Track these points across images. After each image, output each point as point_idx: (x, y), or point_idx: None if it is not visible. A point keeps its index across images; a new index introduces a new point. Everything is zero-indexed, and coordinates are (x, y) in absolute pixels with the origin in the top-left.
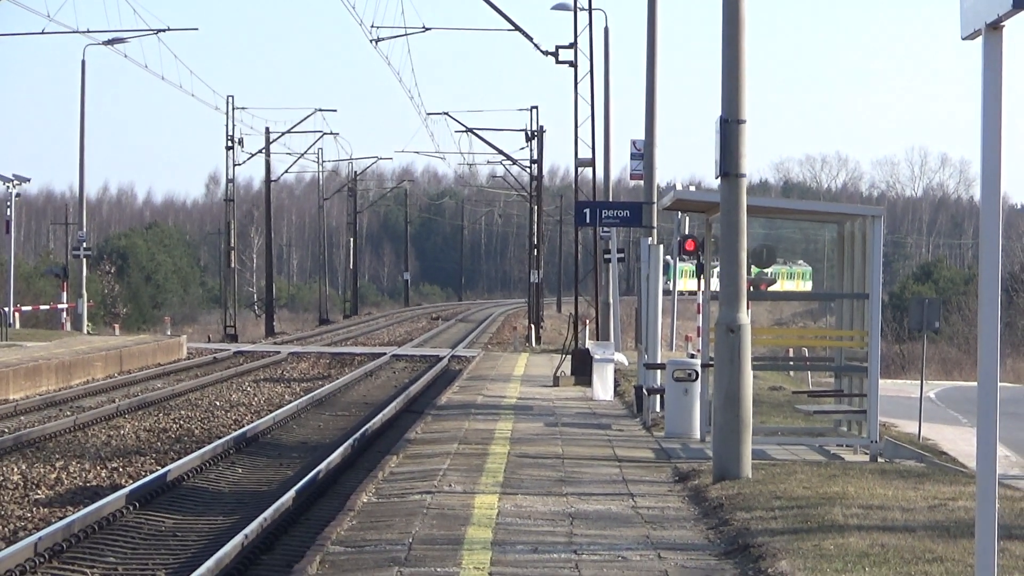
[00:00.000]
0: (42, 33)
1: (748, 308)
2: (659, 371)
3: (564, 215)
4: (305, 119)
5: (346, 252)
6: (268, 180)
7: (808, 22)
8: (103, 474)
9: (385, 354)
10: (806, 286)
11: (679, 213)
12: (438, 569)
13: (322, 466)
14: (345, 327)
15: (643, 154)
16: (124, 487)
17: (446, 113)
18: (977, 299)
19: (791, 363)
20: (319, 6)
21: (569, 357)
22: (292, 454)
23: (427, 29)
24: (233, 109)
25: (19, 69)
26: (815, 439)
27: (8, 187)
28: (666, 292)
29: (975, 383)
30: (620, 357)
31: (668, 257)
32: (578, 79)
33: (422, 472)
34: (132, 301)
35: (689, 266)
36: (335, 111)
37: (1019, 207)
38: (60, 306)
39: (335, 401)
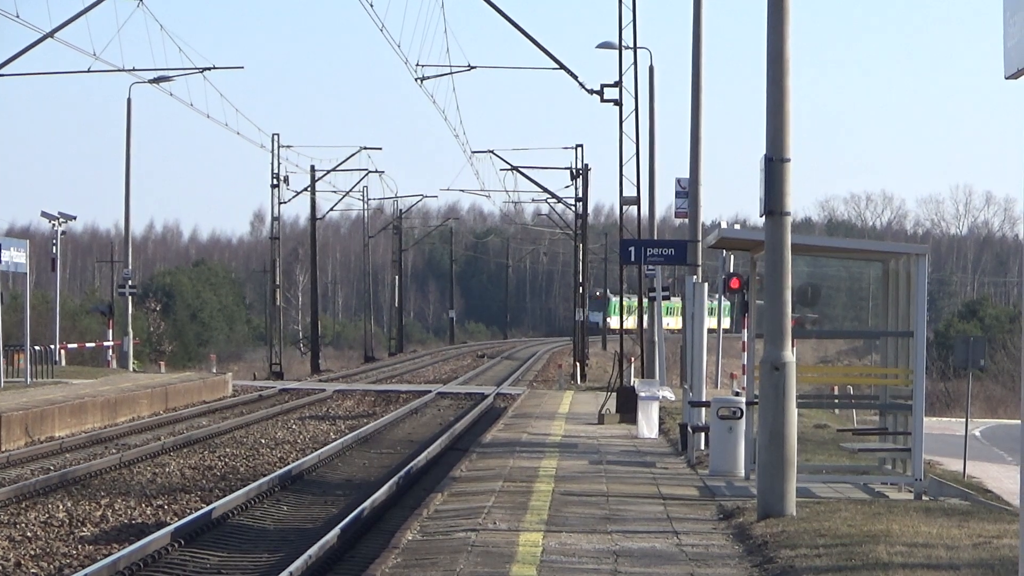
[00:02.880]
0: (88, 72)
1: (793, 346)
2: (704, 409)
3: (609, 253)
4: (350, 157)
5: (391, 290)
6: (313, 218)
7: (853, 60)
8: (148, 511)
9: (430, 392)
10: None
11: (724, 251)
12: None
13: (367, 504)
14: (390, 365)
15: (688, 192)
16: (169, 524)
17: (491, 151)
18: (1022, 336)
19: (836, 401)
20: (364, 45)
21: (614, 395)
22: (337, 492)
23: (472, 68)
24: (278, 147)
25: (65, 107)
26: (859, 477)
27: (54, 225)
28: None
29: (1020, 421)
30: (667, 392)
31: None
32: (623, 117)
33: (467, 510)
34: (177, 339)
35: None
36: (380, 149)
37: None
38: (106, 344)
39: (380, 439)
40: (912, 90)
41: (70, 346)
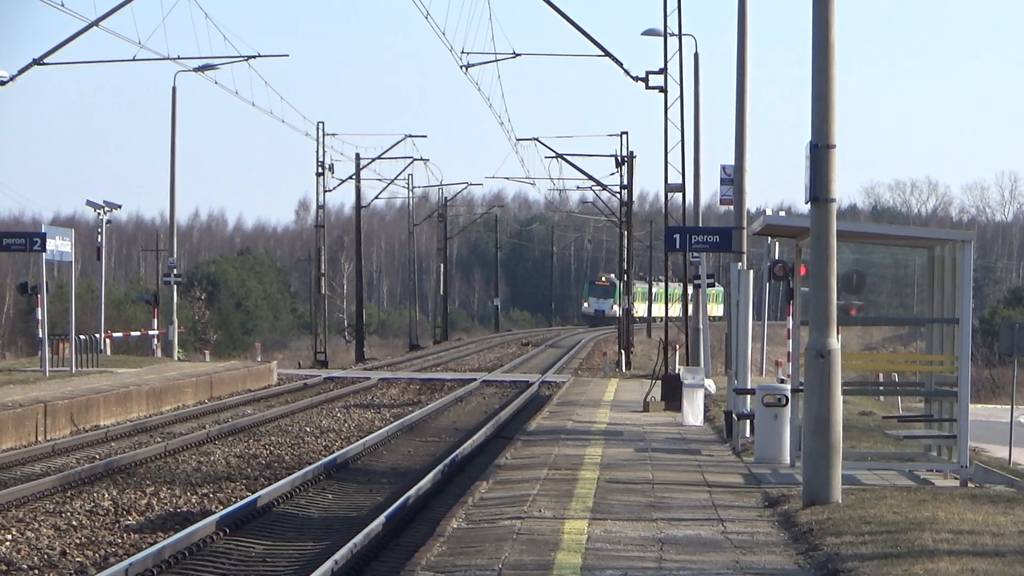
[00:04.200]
0: (133, 60)
1: (838, 333)
2: (749, 396)
3: (654, 240)
4: (395, 145)
5: (436, 278)
6: (358, 206)
7: (898, 47)
8: (193, 500)
9: (475, 380)
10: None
11: (769, 238)
12: None
13: (412, 492)
14: (435, 353)
15: (732, 179)
16: (214, 513)
17: (536, 139)
18: None
19: (881, 388)
20: (409, 32)
21: (659, 383)
22: (382, 480)
23: (517, 55)
24: (323, 135)
25: (110, 96)
26: (905, 464)
27: (99, 214)
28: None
29: None
30: (709, 384)
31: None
32: (668, 105)
33: (512, 497)
34: (222, 327)
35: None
36: (425, 137)
37: None
38: (151, 332)
39: (425, 427)
40: (957, 76)
41: (115, 335)
